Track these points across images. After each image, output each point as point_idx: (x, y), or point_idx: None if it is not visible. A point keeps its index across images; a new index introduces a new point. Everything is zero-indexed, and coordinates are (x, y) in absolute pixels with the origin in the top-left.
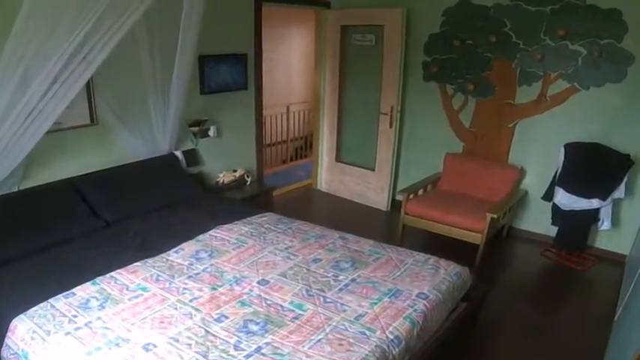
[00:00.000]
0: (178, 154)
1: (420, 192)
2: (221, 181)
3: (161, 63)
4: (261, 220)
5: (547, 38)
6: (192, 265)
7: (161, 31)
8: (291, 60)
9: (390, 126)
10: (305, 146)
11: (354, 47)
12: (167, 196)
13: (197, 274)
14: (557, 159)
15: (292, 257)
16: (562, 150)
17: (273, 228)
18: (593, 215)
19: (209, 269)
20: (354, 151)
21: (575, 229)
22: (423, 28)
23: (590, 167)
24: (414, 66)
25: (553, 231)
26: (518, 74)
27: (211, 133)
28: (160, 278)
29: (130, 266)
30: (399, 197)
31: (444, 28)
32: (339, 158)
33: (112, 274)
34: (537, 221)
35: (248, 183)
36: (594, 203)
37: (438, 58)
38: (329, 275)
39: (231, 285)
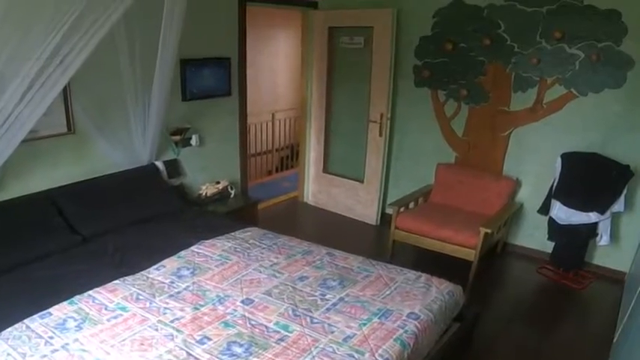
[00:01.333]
0: (159, 164)
1: (411, 205)
2: (203, 193)
3: (141, 67)
4: (246, 235)
5: (543, 41)
6: (173, 283)
7: (141, 34)
8: (276, 64)
9: (380, 135)
10: (291, 156)
11: (343, 50)
12: (147, 209)
13: (179, 292)
14: (554, 170)
15: (278, 275)
16: (559, 160)
17: (257, 243)
18: (591, 230)
19: (191, 288)
20: (343, 162)
21: (573, 244)
22: (414, 29)
23: (588, 179)
24: (405, 70)
25: (549, 246)
26: (513, 79)
27: (193, 142)
28: (140, 297)
29: (108, 284)
30: (389, 210)
31: (436, 30)
32: (326, 169)
33: (90, 292)
34: (533, 236)
35: (232, 196)
36: (592, 217)
37: (429, 62)
38: (316, 294)
39: (214, 304)
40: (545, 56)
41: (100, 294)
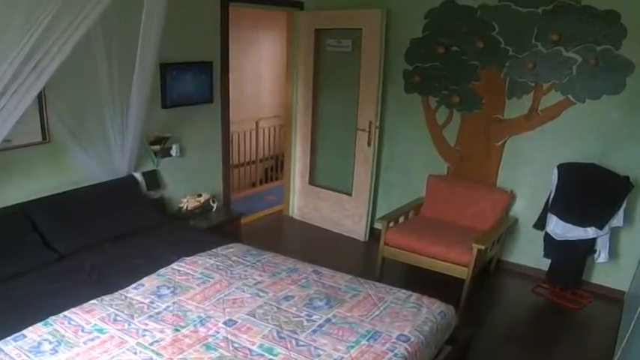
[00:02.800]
0: (138, 176)
1: (401, 219)
2: (184, 207)
3: (119, 73)
4: (228, 252)
5: (539, 44)
6: (153, 303)
7: (119, 37)
8: (260, 69)
9: (369, 144)
10: (276, 167)
11: (330, 54)
12: (126, 224)
13: (158, 313)
14: (550, 182)
15: (262, 294)
16: (555, 171)
17: (240, 260)
18: (588, 246)
19: (171, 308)
20: (330, 173)
21: (570, 262)
22: (404, 32)
23: (585, 191)
24: (395, 75)
25: (545, 264)
26: (507, 85)
27: (174, 152)
28: (119, 318)
29: (85, 304)
30: (377, 225)
31: (427, 32)
32: (312, 181)
33: (66, 313)
34: (528, 253)
35: (214, 209)
36: (590, 233)
37: (420, 66)
38: (302, 315)
39: (195, 326)
40: (541, 60)
41: (77, 315)
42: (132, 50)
